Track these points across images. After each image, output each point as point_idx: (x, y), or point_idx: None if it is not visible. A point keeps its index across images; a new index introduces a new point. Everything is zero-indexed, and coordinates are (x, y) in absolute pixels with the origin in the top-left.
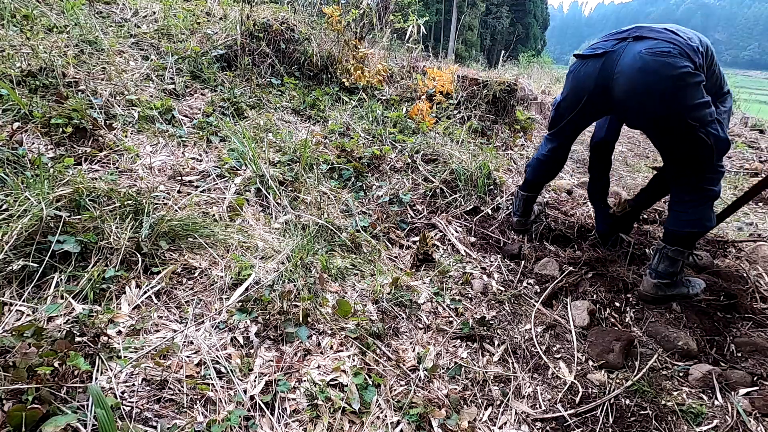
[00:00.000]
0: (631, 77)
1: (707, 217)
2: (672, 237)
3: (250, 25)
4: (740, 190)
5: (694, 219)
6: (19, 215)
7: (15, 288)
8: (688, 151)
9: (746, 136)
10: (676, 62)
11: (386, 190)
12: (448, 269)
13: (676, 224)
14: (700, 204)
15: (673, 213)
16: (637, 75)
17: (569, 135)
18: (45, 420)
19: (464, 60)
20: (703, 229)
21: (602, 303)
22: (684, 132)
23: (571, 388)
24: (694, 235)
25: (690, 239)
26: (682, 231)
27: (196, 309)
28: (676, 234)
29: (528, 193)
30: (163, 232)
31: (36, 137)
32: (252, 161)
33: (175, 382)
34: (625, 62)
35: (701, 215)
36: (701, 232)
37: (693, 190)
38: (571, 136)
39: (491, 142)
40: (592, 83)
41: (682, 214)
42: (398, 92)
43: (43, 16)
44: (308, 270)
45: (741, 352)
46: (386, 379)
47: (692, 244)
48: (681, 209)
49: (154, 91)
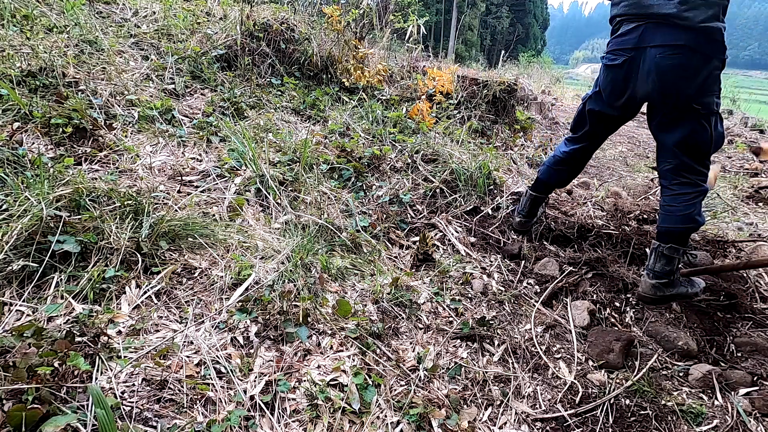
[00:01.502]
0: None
1: (699, 213)
2: (666, 235)
3: (250, 25)
4: (740, 190)
5: (688, 215)
6: (19, 215)
7: (15, 288)
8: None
9: (746, 136)
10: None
11: (386, 190)
12: (448, 269)
13: (671, 221)
14: (693, 199)
15: (666, 211)
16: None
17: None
18: (45, 420)
19: (464, 60)
20: (696, 224)
21: (602, 303)
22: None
23: (571, 388)
24: (689, 230)
25: (684, 236)
26: (676, 228)
27: (196, 309)
28: (671, 231)
29: (536, 194)
30: (163, 232)
31: (36, 137)
32: (252, 161)
33: (175, 382)
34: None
35: (694, 211)
36: (694, 227)
37: (690, 184)
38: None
39: (491, 142)
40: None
41: (675, 211)
42: (398, 92)
43: (43, 16)
44: (308, 270)
45: (741, 352)
46: (386, 379)
47: (686, 241)
48: (675, 206)
49: (154, 91)
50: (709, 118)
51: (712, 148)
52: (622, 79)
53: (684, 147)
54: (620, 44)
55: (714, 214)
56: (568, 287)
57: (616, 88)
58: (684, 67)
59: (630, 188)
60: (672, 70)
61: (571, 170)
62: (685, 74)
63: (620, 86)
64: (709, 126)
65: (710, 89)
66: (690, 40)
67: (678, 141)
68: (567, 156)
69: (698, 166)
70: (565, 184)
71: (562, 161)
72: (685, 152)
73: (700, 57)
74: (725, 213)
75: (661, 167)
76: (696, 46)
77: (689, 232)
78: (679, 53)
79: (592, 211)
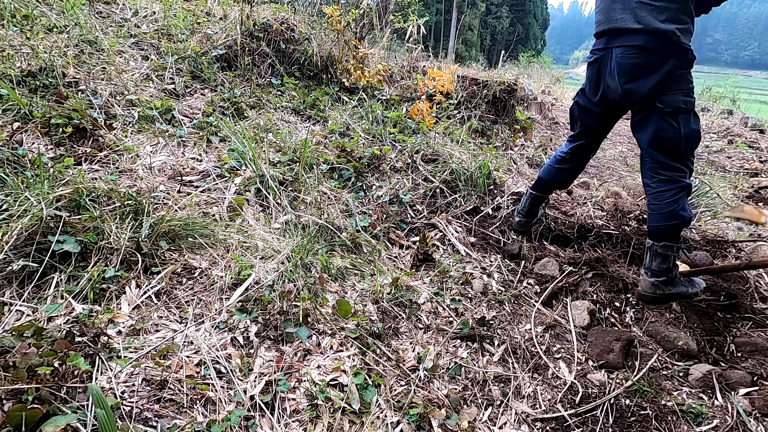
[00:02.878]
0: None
1: (683, 207)
2: (656, 233)
3: (250, 25)
4: (740, 190)
5: (670, 212)
6: (19, 215)
7: (15, 288)
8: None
9: (746, 136)
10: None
11: (386, 190)
12: (448, 269)
13: (657, 220)
14: (674, 196)
15: (652, 209)
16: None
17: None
18: (45, 420)
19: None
20: (682, 220)
21: (602, 303)
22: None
23: (571, 388)
24: (676, 227)
25: (672, 232)
26: (663, 225)
27: (196, 309)
28: (659, 229)
29: (537, 192)
30: (163, 232)
31: (36, 137)
32: (252, 161)
33: (175, 382)
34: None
35: (677, 207)
36: (681, 223)
37: (668, 180)
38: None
39: (491, 142)
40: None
41: (659, 209)
42: (398, 92)
43: (43, 16)
44: (308, 270)
45: (741, 352)
46: (386, 379)
47: (677, 237)
48: (658, 204)
49: (154, 91)
50: (676, 116)
51: (683, 146)
52: (595, 77)
53: (655, 145)
54: (595, 46)
55: (714, 214)
56: (568, 287)
57: (593, 84)
58: (641, 66)
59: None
60: (631, 68)
61: (572, 169)
62: (643, 72)
63: (595, 83)
64: (677, 124)
65: (672, 88)
66: (647, 41)
67: (650, 139)
68: (567, 154)
69: (673, 163)
70: (566, 183)
71: (562, 160)
72: (657, 150)
73: (657, 56)
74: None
75: (642, 167)
76: (653, 46)
77: (676, 228)
78: (637, 53)
79: (592, 211)
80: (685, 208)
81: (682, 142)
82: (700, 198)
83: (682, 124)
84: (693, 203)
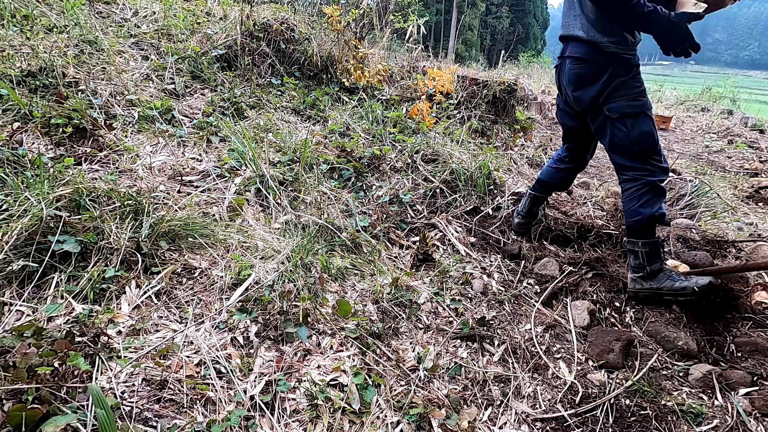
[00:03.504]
0: None
1: (650, 204)
2: (628, 230)
3: (250, 25)
4: (740, 190)
5: (630, 209)
6: (19, 215)
7: (15, 288)
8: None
9: (746, 136)
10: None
11: (386, 190)
12: (448, 269)
13: (625, 216)
14: (634, 193)
15: (623, 206)
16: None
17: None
18: (45, 420)
19: (464, 60)
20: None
21: (602, 303)
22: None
23: (571, 388)
24: (637, 222)
25: (636, 229)
26: (628, 222)
27: (196, 309)
28: (628, 227)
29: (536, 193)
30: (163, 232)
31: (36, 137)
32: (252, 161)
33: (175, 382)
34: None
35: (636, 204)
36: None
37: (630, 180)
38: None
39: (491, 142)
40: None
41: (624, 207)
42: (398, 92)
43: (43, 16)
44: (308, 270)
45: (741, 352)
46: (386, 379)
47: (642, 234)
48: (624, 202)
49: (154, 91)
50: (623, 121)
51: (635, 148)
52: (557, 83)
53: (612, 149)
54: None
55: (714, 214)
56: (568, 287)
57: (559, 89)
58: (583, 76)
59: None
60: (575, 78)
61: (570, 170)
62: (585, 82)
63: (559, 88)
64: (626, 128)
65: (616, 95)
66: (586, 53)
67: (608, 144)
68: (564, 156)
69: (632, 164)
70: (566, 185)
71: (560, 161)
72: (615, 153)
73: (597, 67)
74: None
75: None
76: (592, 58)
77: (639, 225)
78: (580, 63)
79: (592, 211)
80: (645, 204)
81: (633, 145)
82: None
83: (630, 128)
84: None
